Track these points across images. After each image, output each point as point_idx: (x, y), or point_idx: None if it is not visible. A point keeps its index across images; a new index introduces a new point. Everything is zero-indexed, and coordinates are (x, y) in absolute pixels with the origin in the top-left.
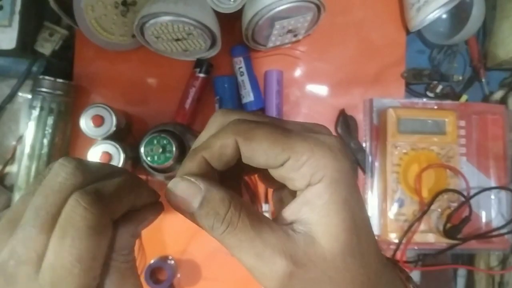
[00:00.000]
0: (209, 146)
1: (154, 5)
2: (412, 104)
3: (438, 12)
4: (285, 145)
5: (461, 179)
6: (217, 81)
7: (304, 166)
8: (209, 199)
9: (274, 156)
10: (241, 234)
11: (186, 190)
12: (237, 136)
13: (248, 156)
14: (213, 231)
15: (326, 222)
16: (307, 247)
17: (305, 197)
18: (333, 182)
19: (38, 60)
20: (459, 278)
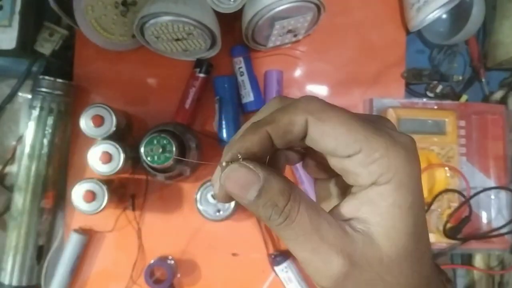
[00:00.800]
0: (275, 121)
1: (154, 5)
2: (412, 104)
3: (438, 12)
4: (359, 135)
5: (461, 179)
6: (217, 81)
7: (374, 163)
8: (267, 189)
9: (344, 145)
10: (298, 228)
11: (243, 178)
12: (309, 115)
13: (315, 139)
14: (270, 222)
15: (388, 225)
16: (365, 248)
17: (368, 195)
18: (402, 186)
19: (38, 60)
20: (459, 278)
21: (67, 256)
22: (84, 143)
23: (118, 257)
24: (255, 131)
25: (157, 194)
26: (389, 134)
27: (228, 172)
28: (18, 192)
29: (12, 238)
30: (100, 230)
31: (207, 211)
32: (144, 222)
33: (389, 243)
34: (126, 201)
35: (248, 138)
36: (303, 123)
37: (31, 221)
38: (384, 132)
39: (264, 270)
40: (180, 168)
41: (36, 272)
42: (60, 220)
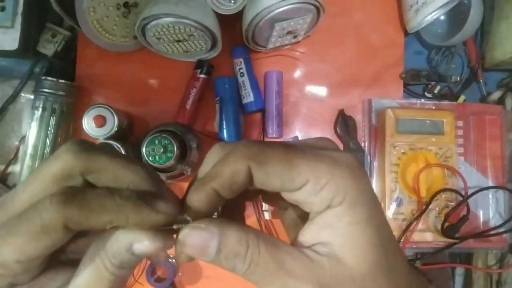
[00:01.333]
0: (218, 175)
1: (156, 7)
2: (411, 104)
3: (436, 14)
4: (301, 167)
5: (459, 178)
6: (218, 81)
7: (323, 189)
8: (225, 243)
9: (290, 181)
10: (263, 270)
11: (199, 239)
12: (250, 161)
13: (261, 181)
14: (236, 271)
15: (350, 243)
16: (333, 270)
17: (324, 219)
18: (354, 203)
19: (41, 61)
20: (457, 276)
21: None
22: None
23: None
24: (201, 190)
25: None
26: (330, 157)
27: (182, 238)
28: None
29: None
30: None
31: None
32: None
33: (357, 260)
34: None
35: (195, 199)
36: (246, 170)
37: None
38: (324, 157)
39: None
40: (181, 168)
41: None
42: None
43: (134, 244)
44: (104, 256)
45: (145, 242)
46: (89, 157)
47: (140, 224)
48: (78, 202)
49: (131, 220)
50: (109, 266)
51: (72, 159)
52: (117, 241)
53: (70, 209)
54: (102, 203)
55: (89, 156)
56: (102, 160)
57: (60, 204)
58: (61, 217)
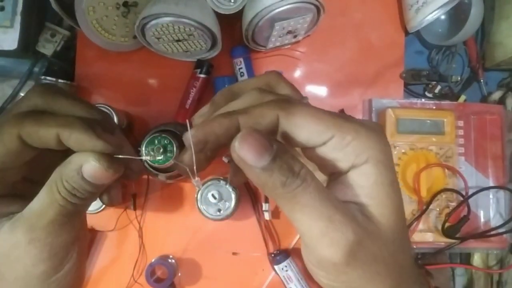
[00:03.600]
0: (247, 112)
1: (155, 6)
2: (411, 104)
3: (437, 13)
4: (329, 122)
5: (459, 178)
6: (218, 81)
7: (349, 145)
8: (281, 154)
9: (317, 134)
10: (315, 193)
11: (259, 140)
12: (280, 110)
13: (288, 131)
14: (285, 187)
15: (377, 203)
16: (366, 223)
17: (350, 179)
18: (379, 163)
19: (40, 61)
20: (457, 277)
21: None
22: None
23: (119, 256)
24: (226, 117)
25: (158, 193)
26: (356, 120)
27: (242, 136)
28: None
29: None
30: (101, 229)
31: (207, 211)
32: (145, 221)
33: (383, 220)
34: (127, 200)
35: (217, 120)
36: (274, 117)
37: None
38: (351, 119)
39: (264, 269)
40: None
41: None
42: None
43: (83, 165)
44: (58, 179)
45: (92, 162)
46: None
47: (81, 144)
48: (34, 116)
49: (73, 138)
50: (62, 189)
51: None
52: (69, 163)
53: (26, 120)
54: (53, 118)
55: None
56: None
57: (18, 117)
58: (17, 127)
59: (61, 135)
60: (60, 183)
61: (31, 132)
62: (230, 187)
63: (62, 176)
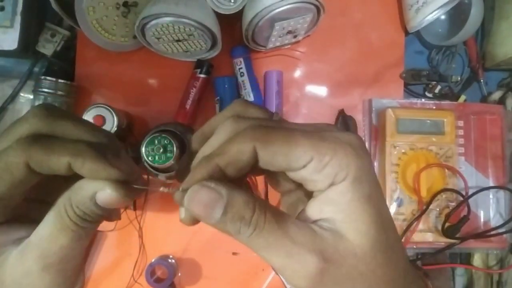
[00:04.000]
0: (224, 152)
1: (155, 6)
2: (411, 104)
3: (437, 13)
4: (306, 146)
5: (459, 178)
6: (218, 81)
7: (327, 166)
8: (232, 204)
9: (296, 159)
10: (268, 235)
11: (207, 197)
12: (256, 141)
13: (267, 161)
14: (240, 235)
15: (353, 219)
16: (335, 243)
17: (327, 196)
18: (356, 180)
19: (40, 61)
20: (457, 277)
21: None
22: None
23: (119, 256)
24: (205, 165)
25: (158, 193)
26: (334, 137)
27: (191, 194)
28: None
29: None
30: (101, 229)
31: None
32: (145, 221)
33: (359, 236)
34: None
35: (198, 172)
36: (251, 150)
37: None
38: (329, 136)
39: (264, 269)
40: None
41: None
42: None
43: (97, 193)
44: (68, 205)
45: (108, 191)
46: (55, 121)
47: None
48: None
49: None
50: (72, 215)
51: (39, 122)
52: (81, 189)
53: (33, 148)
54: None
55: (55, 120)
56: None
57: (24, 144)
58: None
59: (73, 165)
60: (70, 209)
61: (40, 161)
62: None
63: (73, 202)
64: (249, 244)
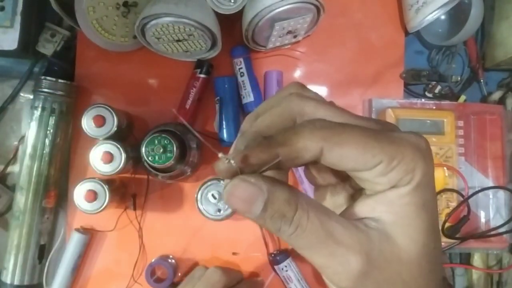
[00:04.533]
0: (288, 144)
1: (155, 6)
2: (411, 104)
3: (437, 13)
4: (376, 149)
5: (459, 178)
6: (218, 81)
7: (393, 170)
8: (273, 201)
9: (364, 163)
10: (311, 236)
11: (246, 193)
12: (325, 142)
13: (332, 162)
14: (280, 233)
15: (405, 223)
16: (382, 245)
17: (385, 196)
18: (419, 186)
19: (40, 61)
20: (457, 277)
21: (68, 255)
22: (85, 143)
23: (119, 256)
24: (265, 150)
25: (158, 193)
26: (402, 138)
27: (230, 188)
28: (20, 191)
29: (14, 237)
30: (101, 229)
31: (207, 211)
32: (145, 221)
33: (407, 241)
34: (127, 200)
35: (255, 156)
36: (318, 149)
37: (32, 220)
38: (397, 138)
39: (264, 269)
40: (181, 167)
41: (37, 271)
42: (62, 220)
43: None
44: None
45: None
46: None
47: None
48: None
49: None
50: None
51: None
52: None
53: None
54: None
55: None
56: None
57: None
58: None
59: None
60: None
61: None
62: None
63: None
64: (289, 242)
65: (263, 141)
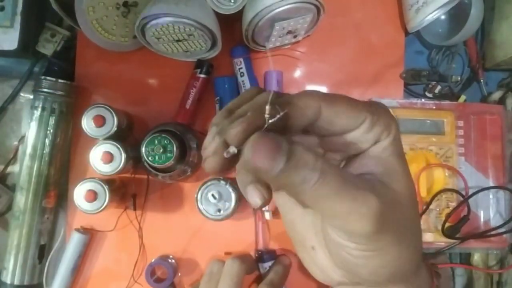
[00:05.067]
0: (292, 102)
1: (155, 6)
2: (411, 104)
3: (437, 13)
4: (361, 107)
5: (459, 178)
6: (218, 81)
7: (376, 125)
8: (294, 151)
9: (354, 118)
10: (334, 181)
11: (270, 144)
12: (322, 101)
13: (329, 119)
14: (305, 184)
15: (393, 171)
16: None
17: (371, 152)
18: (396, 138)
19: (40, 61)
20: (457, 277)
21: (68, 255)
22: (85, 143)
23: (119, 256)
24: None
25: (158, 193)
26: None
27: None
28: (20, 191)
29: (14, 237)
30: (101, 229)
31: (207, 211)
32: (145, 221)
33: (400, 186)
34: (127, 200)
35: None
36: (318, 106)
37: (32, 220)
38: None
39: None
40: (181, 167)
41: (37, 271)
42: (62, 220)
43: None
44: None
45: None
46: None
47: None
48: None
49: None
50: None
51: None
52: None
53: None
54: None
55: None
56: None
57: None
58: None
59: None
60: None
61: None
62: (230, 187)
63: None
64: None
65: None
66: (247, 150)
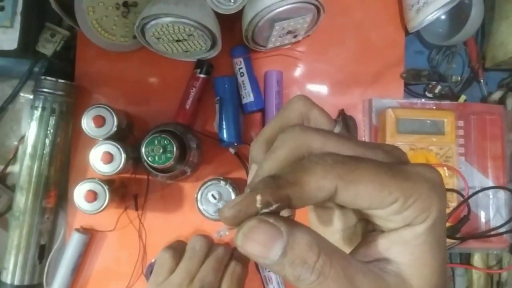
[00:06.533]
0: (299, 183)
1: (155, 6)
2: (411, 104)
3: (437, 13)
4: (392, 187)
5: (459, 179)
6: (218, 81)
7: (409, 208)
8: (293, 246)
9: (380, 200)
10: (333, 285)
11: (266, 235)
12: (339, 180)
13: (347, 202)
14: (300, 282)
15: (420, 263)
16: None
17: (400, 236)
18: (434, 224)
19: (40, 61)
20: (457, 277)
21: (69, 255)
22: (85, 143)
23: (120, 256)
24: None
25: (158, 193)
26: (417, 173)
27: (247, 230)
28: (20, 191)
29: (14, 237)
30: (101, 229)
31: (207, 211)
32: (145, 221)
33: (422, 282)
34: (127, 200)
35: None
36: (333, 188)
37: (32, 220)
38: (411, 173)
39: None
40: (181, 168)
41: (38, 271)
42: (62, 220)
43: None
44: None
45: None
46: None
47: None
48: None
49: None
50: None
51: None
52: None
53: None
54: None
55: None
56: None
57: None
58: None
59: None
60: None
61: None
62: (230, 187)
63: None
64: None
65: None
66: (238, 237)
